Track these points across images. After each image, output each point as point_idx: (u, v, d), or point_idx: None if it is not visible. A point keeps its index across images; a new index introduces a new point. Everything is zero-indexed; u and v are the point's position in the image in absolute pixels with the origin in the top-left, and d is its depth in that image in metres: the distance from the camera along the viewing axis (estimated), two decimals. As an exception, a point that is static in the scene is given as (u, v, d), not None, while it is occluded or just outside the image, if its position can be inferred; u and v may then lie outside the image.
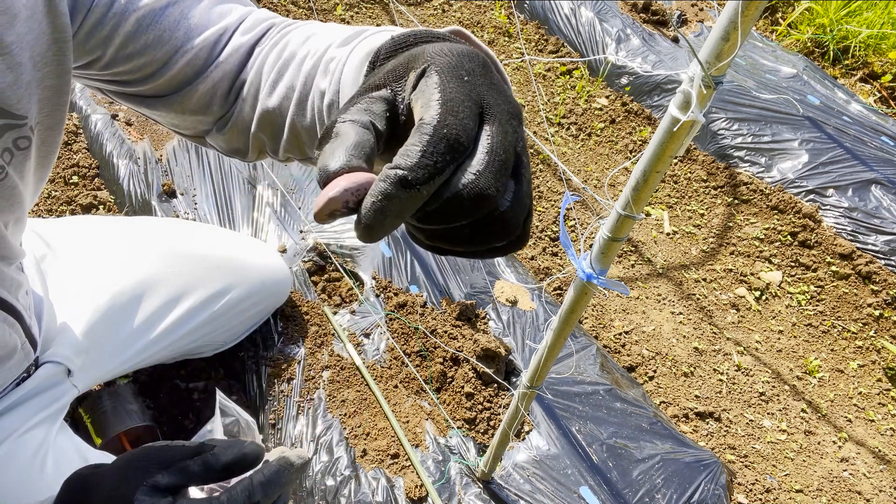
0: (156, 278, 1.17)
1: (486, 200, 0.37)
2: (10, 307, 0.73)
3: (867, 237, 2.17)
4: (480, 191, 0.36)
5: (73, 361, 0.95)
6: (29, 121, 0.58)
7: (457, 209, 0.37)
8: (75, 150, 2.16)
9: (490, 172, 0.37)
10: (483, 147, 0.38)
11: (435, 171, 0.35)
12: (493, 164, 0.37)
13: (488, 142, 0.38)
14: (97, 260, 1.12)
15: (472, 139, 0.37)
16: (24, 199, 0.65)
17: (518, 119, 0.41)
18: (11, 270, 0.73)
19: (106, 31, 0.61)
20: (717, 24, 0.54)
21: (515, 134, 0.40)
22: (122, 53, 0.62)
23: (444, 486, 1.41)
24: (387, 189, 0.35)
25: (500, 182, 0.38)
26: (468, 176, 0.37)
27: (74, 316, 1.01)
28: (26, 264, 0.98)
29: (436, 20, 3.14)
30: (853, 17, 2.98)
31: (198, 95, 0.66)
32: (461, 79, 0.39)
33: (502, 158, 0.38)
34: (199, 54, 0.64)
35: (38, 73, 0.57)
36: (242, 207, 1.98)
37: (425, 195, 0.36)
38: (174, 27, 0.63)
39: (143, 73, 0.64)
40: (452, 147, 0.36)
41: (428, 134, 0.36)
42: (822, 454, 1.82)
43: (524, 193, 0.40)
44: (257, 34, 0.66)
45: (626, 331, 2.02)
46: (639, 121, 2.68)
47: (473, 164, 0.37)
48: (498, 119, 0.39)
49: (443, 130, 0.36)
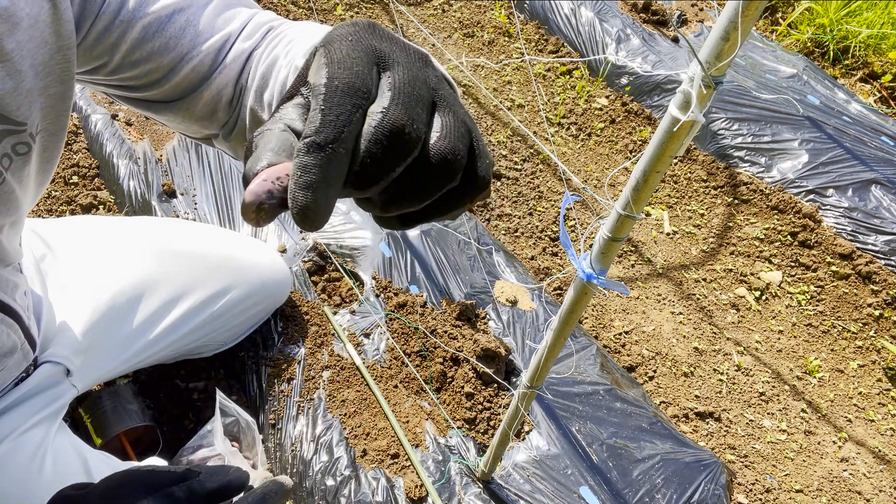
0: (156, 278, 1.17)
1: (402, 134, 0.36)
2: (7, 308, 0.73)
3: (867, 237, 2.16)
4: (392, 124, 0.35)
5: (73, 361, 0.95)
6: (29, 127, 0.58)
7: (379, 154, 0.35)
8: (75, 150, 2.16)
9: (397, 105, 0.36)
10: (385, 87, 0.37)
11: (341, 125, 0.34)
12: (398, 98, 0.36)
13: (390, 81, 0.37)
14: (97, 260, 1.12)
15: (370, 85, 0.36)
16: (22, 203, 0.65)
17: (424, 60, 0.40)
18: (7, 272, 0.73)
19: (113, 37, 0.61)
20: (717, 24, 0.54)
21: (423, 72, 0.39)
22: (129, 60, 0.63)
23: (444, 486, 1.41)
24: (302, 161, 0.34)
25: (412, 112, 0.36)
26: (376, 116, 0.36)
27: (74, 316, 1.01)
28: (25, 264, 0.98)
29: (436, 20, 3.14)
30: (853, 17, 2.98)
31: (203, 102, 0.66)
32: (347, 40, 0.38)
33: (408, 91, 0.37)
34: (203, 61, 0.65)
35: (41, 81, 0.57)
36: (242, 207, 1.97)
37: (343, 153, 0.35)
38: (180, 34, 0.63)
39: (149, 79, 0.65)
40: (349, 94, 0.35)
41: (322, 93, 0.35)
42: (822, 454, 1.81)
43: (452, 124, 0.38)
44: (257, 39, 0.67)
45: (626, 331, 2.02)
46: (639, 121, 2.68)
47: (378, 104, 0.36)
48: (398, 62, 0.38)
49: (334, 83, 0.35)
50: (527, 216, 2.30)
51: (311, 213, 0.34)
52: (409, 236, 1.90)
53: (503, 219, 2.28)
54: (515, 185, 2.40)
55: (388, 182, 0.37)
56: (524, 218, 2.29)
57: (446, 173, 0.38)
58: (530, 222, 2.28)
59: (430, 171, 0.38)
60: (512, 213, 2.30)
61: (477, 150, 0.41)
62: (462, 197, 0.41)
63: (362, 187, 0.37)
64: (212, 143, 0.76)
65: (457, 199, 0.41)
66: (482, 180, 0.41)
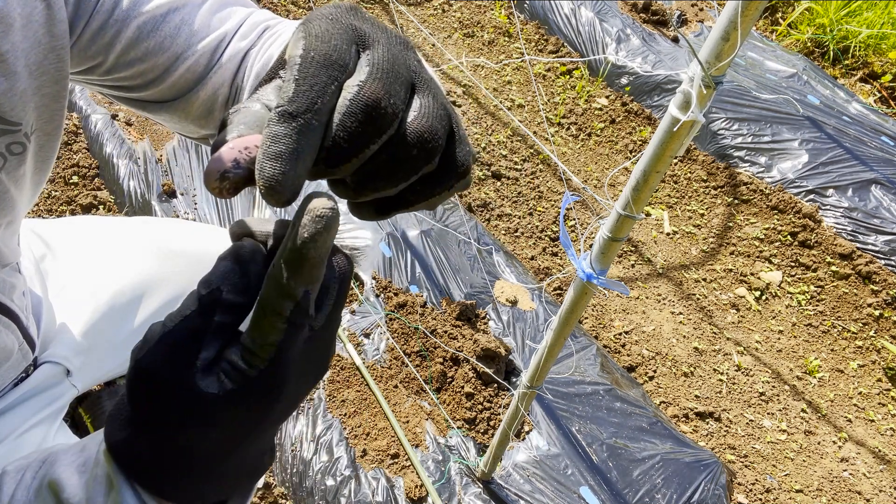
0: (156, 278, 1.17)
1: (378, 108, 0.34)
2: (5, 309, 0.73)
3: (867, 237, 2.16)
4: (369, 97, 0.34)
5: (72, 361, 0.95)
6: (24, 127, 0.58)
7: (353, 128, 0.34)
8: (75, 150, 2.16)
9: (375, 80, 0.35)
10: (364, 62, 0.36)
11: (315, 95, 0.33)
12: (376, 73, 0.35)
13: (369, 58, 0.36)
14: (97, 260, 1.12)
15: (347, 60, 0.35)
16: (18, 203, 0.65)
17: (405, 44, 0.39)
18: (5, 273, 0.73)
19: (108, 37, 0.61)
20: (717, 24, 0.54)
21: (404, 53, 0.38)
22: (124, 60, 0.62)
23: (444, 485, 1.41)
24: (273, 129, 0.33)
25: (390, 88, 0.35)
26: (352, 89, 0.34)
27: (74, 316, 1.01)
28: (25, 265, 0.98)
29: (436, 20, 3.14)
30: (853, 17, 2.98)
31: (199, 102, 0.66)
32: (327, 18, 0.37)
33: (387, 68, 0.36)
34: (199, 61, 0.64)
35: (35, 81, 0.57)
36: (242, 207, 1.97)
37: (316, 125, 0.34)
38: (175, 34, 0.63)
39: (145, 79, 0.65)
40: (325, 66, 0.34)
41: (297, 64, 0.34)
42: (822, 454, 1.81)
43: (431, 105, 0.37)
44: (252, 39, 0.66)
45: (626, 331, 2.02)
46: (639, 121, 2.68)
47: (355, 78, 0.35)
48: (378, 41, 0.37)
49: (310, 55, 0.34)
50: (527, 216, 2.30)
51: (278, 185, 0.33)
52: (409, 236, 1.90)
53: (503, 219, 2.28)
54: (515, 185, 2.40)
55: (361, 161, 0.36)
56: (524, 218, 2.29)
57: (423, 154, 0.37)
58: (530, 222, 2.28)
59: (405, 152, 0.36)
60: (512, 213, 2.30)
61: (457, 136, 0.40)
62: (440, 183, 0.39)
63: (334, 164, 0.35)
64: (209, 143, 0.76)
65: (434, 184, 0.39)
66: (461, 166, 0.40)
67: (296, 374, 0.38)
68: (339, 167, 0.36)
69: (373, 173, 0.37)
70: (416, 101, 0.37)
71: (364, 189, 0.38)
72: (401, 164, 0.37)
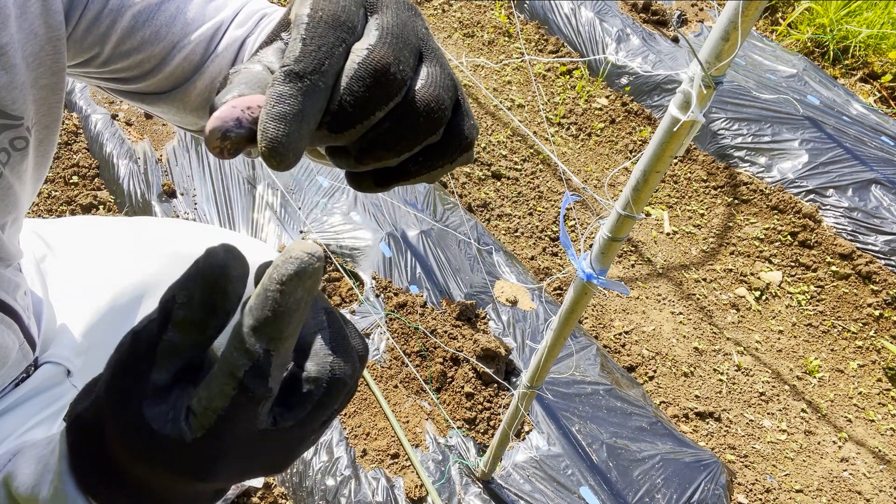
0: (156, 279, 1.17)
1: (387, 73, 0.33)
2: (7, 308, 0.73)
3: (867, 237, 2.17)
4: (378, 61, 0.33)
5: (73, 362, 0.95)
6: (25, 121, 0.58)
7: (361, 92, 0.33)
8: (75, 150, 2.16)
9: (384, 44, 0.34)
10: (372, 27, 0.35)
11: (322, 56, 0.32)
12: (385, 38, 0.34)
13: (378, 22, 0.35)
14: (97, 260, 1.12)
15: (355, 21, 0.34)
16: (21, 200, 0.65)
17: (413, 10, 0.39)
18: (9, 272, 0.73)
19: (103, 27, 0.61)
20: (717, 24, 0.54)
21: (413, 20, 0.37)
22: (120, 50, 0.62)
23: (444, 485, 1.41)
24: (277, 89, 0.31)
25: (399, 54, 0.34)
26: (361, 52, 0.33)
27: (74, 316, 1.01)
28: (25, 265, 0.98)
29: (436, 20, 3.14)
30: (853, 17, 2.98)
31: (197, 91, 0.66)
32: None
33: (397, 33, 0.35)
34: (195, 50, 0.64)
35: (33, 73, 0.57)
36: (242, 207, 1.98)
37: (322, 87, 0.32)
38: (170, 23, 0.63)
39: (142, 70, 0.64)
40: (333, 26, 0.33)
41: (304, 22, 0.33)
42: (822, 454, 1.81)
43: (439, 74, 0.36)
44: (250, 27, 0.66)
45: (626, 331, 2.02)
46: (639, 121, 2.68)
47: (363, 41, 0.34)
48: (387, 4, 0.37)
49: (318, 14, 0.33)
50: (527, 216, 2.30)
51: (281, 147, 0.31)
52: (409, 236, 1.90)
53: (503, 219, 2.28)
54: (515, 185, 2.40)
55: (366, 127, 0.35)
56: (524, 218, 2.29)
57: (429, 123, 0.36)
58: (530, 222, 2.28)
59: (412, 120, 0.35)
60: (512, 213, 2.30)
61: (462, 108, 0.39)
62: (443, 154, 0.38)
63: (339, 129, 0.34)
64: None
65: (437, 156, 0.38)
66: (465, 139, 0.39)
67: (235, 459, 0.33)
68: (343, 132, 0.35)
69: (376, 141, 0.36)
70: (423, 70, 0.36)
71: (366, 157, 0.36)
72: (406, 132, 0.36)
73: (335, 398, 0.34)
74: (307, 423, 0.34)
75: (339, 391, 0.34)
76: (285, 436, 0.34)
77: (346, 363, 0.34)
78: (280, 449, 0.34)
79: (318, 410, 0.34)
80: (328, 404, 0.34)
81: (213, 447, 0.32)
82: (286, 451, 0.35)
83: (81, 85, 2.36)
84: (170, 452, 0.32)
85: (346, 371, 0.34)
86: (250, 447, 0.33)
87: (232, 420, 0.31)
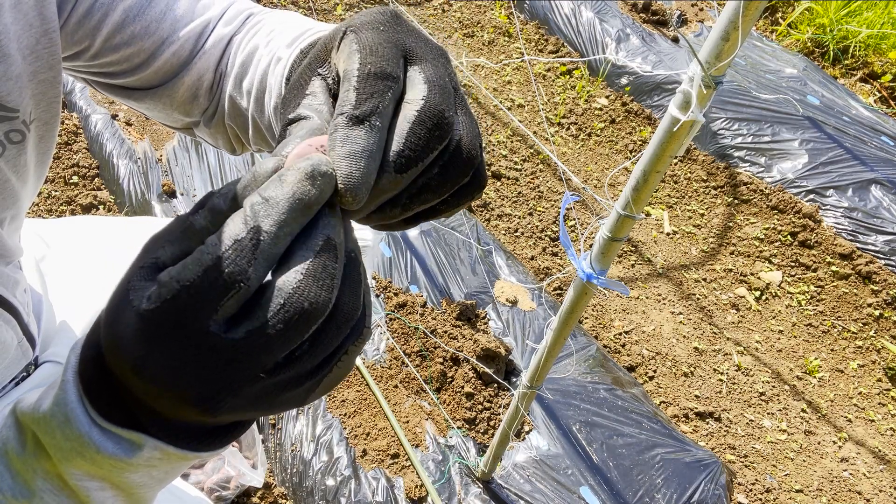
0: (156, 278, 1.17)
1: (443, 118, 0.37)
2: (6, 303, 0.73)
3: (867, 237, 2.17)
4: (434, 108, 0.37)
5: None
6: (21, 114, 0.58)
7: (423, 134, 0.36)
8: (75, 150, 2.16)
9: (435, 95, 0.37)
10: (418, 79, 0.38)
11: (376, 102, 0.35)
12: (434, 89, 0.38)
13: (422, 75, 0.39)
14: (97, 260, 1.12)
15: (398, 73, 0.38)
16: (21, 195, 0.65)
17: (445, 57, 0.42)
18: (9, 269, 0.73)
19: (94, 20, 0.62)
20: (717, 24, 0.54)
21: (446, 68, 0.41)
22: (110, 44, 0.63)
23: (444, 485, 1.41)
24: (342, 132, 0.34)
25: (448, 102, 0.38)
26: (418, 103, 0.37)
27: (74, 316, 1.01)
28: (26, 265, 0.98)
29: (436, 20, 3.14)
30: (853, 17, 2.98)
31: (184, 87, 0.67)
32: (377, 30, 0.39)
33: (441, 84, 0.38)
34: (184, 45, 0.65)
35: (30, 66, 0.57)
36: (242, 207, 1.98)
37: (380, 127, 0.35)
38: (160, 18, 0.64)
39: (131, 64, 0.65)
40: (381, 78, 0.36)
41: (355, 76, 0.36)
42: (822, 454, 1.82)
43: (472, 121, 0.40)
44: (237, 25, 0.68)
45: (626, 331, 2.02)
46: (639, 121, 2.68)
47: (417, 92, 0.37)
48: (424, 58, 0.40)
49: (367, 67, 0.36)
50: (527, 216, 2.30)
51: (357, 182, 0.34)
52: (409, 236, 1.90)
53: (503, 219, 2.28)
54: (515, 185, 2.40)
55: (421, 168, 0.38)
56: (524, 218, 2.29)
57: (469, 166, 0.40)
58: (530, 222, 2.28)
59: (458, 163, 0.39)
60: (512, 213, 2.30)
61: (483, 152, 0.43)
62: (469, 194, 0.42)
63: (404, 169, 0.37)
64: (193, 133, 0.76)
65: (464, 195, 0.42)
66: (485, 178, 0.42)
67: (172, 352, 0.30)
68: (406, 172, 0.37)
69: (426, 185, 0.39)
70: (460, 116, 0.40)
71: (415, 201, 0.39)
72: (452, 175, 0.39)
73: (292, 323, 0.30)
74: (256, 345, 0.30)
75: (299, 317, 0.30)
76: (228, 353, 0.30)
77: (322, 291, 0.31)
78: (219, 372, 0.30)
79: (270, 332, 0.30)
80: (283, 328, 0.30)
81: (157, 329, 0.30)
82: (225, 379, 0.31)
83: (82, 85, 2.36)
84: (123, 325, 0.30)
85: (317, 298, 0.31)
86: (189, 349, 0.30)
87: (189, 303, 0.29)
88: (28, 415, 0.39)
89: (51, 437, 0.38)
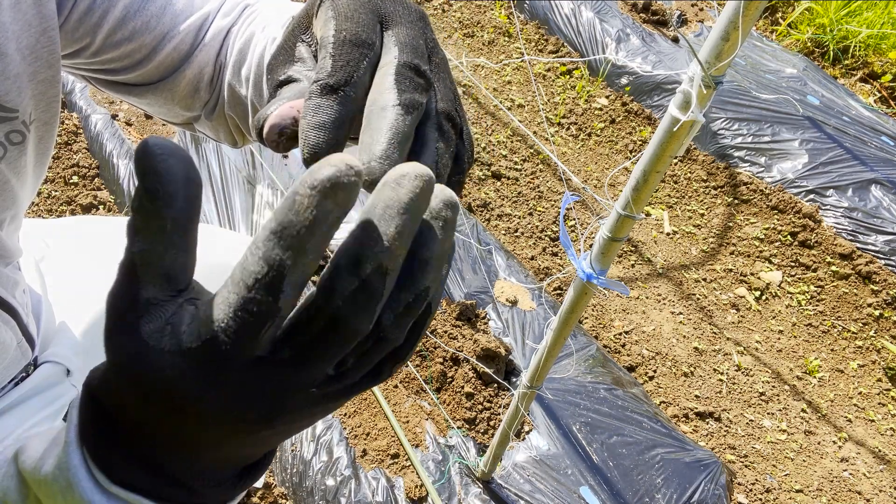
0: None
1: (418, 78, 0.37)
2: (5, 304, 0.73)
3: (867, 237, 2.16)
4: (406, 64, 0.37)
5: (73, 361, 0.95)
6: (21, 115, 0.58)
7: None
8: (75, 150, 2.16)
9: (407, 54, 0.38)
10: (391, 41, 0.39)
11: (351, 70, 0.36)
12: (406, 48, 0.38)
13: (394, 38, 0.39)
14: (97, 260, 1.12)
15: (374, 39, 0.38)
16: (20, 196, 0.65)
17: (424, 20, 0.43)
18: (8, 270, 0.73)
19: (95, 17, 0.62)
20: (717, 24, 0.54)
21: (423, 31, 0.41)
22: (111, 41, 0.63)
23: (444, 485, 1.41)
24: (315, 101, 0.35)
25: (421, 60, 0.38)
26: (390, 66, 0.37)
27: (74, 317, 1.01)
28: (25, 265, 0.98)
29: (436, 20, 3.14)
30: (853, 17, 2.98)
31: (185, 81, 0.67)
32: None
33: (414, 44, 0.39)
34: (184, 39, 0.66)
35: (30, 66, 0.57)
36: (242, 207, 1.97)
37: (353, 97, 0.36)
38: (160, 13, 0.64)
39: (132, 60, 0.65)
40: (356, 45, 0.37)
41: (330, 42, 0.37)
42: (822, 454, 1.81)
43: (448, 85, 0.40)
44: (234, 16, 0.68)
45: (626, 331, 2.02)
46: (639, 121, 2.68)
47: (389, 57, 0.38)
48: (399, 21, 0.40)
49: (342, 35, 0.37)
50: (527, 216, 2.30)
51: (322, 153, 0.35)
52: (409, 236, 1.90)
53: (503, 219, 2.28)
54: (515, 185, 2.40)
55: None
56: (524, 218, 2.29)
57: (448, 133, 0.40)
58: (530, 222, 2.28)
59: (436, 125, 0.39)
60: (512, 213, 2.30)
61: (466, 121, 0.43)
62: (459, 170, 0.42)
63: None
64: (193, 129, 0.77)
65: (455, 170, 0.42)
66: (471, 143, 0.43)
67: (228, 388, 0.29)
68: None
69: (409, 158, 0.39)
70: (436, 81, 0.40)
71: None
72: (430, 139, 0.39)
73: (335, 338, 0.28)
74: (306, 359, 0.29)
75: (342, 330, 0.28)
76: (280, 372, 0.29)
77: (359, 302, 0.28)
78: (274, 390, 0.29)
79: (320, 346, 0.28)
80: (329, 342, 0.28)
81: (207, 366, 0.28)
82: (280, 395, 0.30)
83: (82, 85, 2.36)
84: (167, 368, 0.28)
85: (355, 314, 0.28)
86: (244, 376, 0.29)
87: (230, 337, 0.27)
88: (29, 473, 0.39)
89: (52, 500, 0.37)
